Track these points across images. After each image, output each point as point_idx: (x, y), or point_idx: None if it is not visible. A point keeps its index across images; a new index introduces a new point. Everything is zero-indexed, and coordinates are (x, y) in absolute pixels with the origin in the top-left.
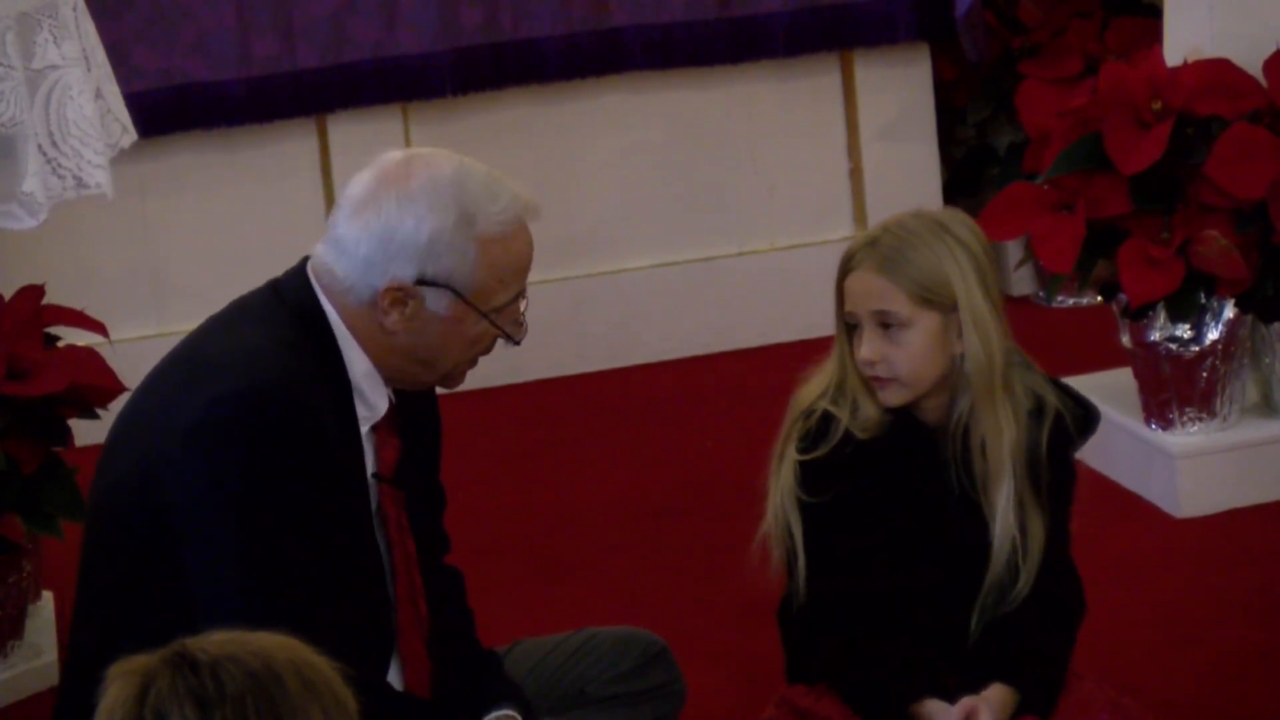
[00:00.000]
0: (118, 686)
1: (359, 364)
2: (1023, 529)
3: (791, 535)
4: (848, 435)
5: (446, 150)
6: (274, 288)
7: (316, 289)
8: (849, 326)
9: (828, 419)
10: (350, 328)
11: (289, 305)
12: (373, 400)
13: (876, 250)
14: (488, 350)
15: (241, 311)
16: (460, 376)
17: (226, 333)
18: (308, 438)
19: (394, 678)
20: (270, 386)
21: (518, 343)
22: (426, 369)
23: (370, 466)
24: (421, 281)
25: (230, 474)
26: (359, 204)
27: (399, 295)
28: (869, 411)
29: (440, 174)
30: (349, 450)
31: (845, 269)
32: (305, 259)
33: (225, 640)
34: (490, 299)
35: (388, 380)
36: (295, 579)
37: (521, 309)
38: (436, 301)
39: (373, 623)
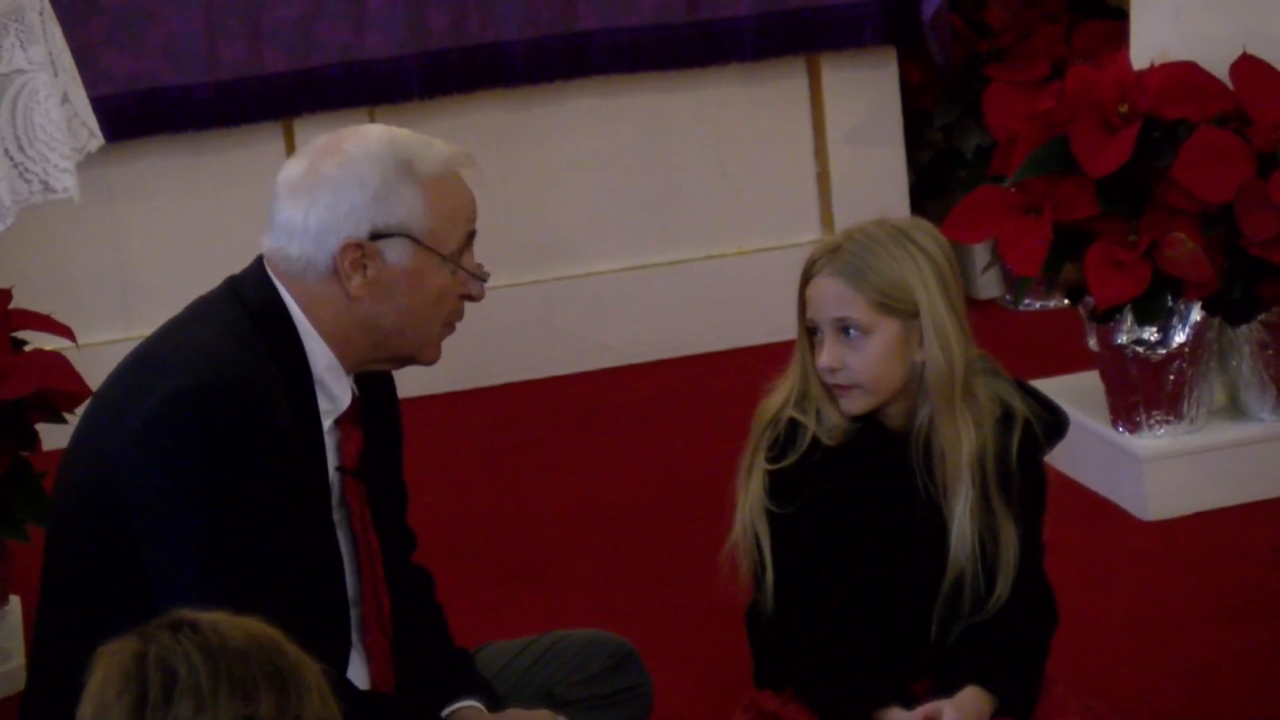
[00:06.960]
0: (106, 663)
1: (321, 357)
2: (994, 537)
3: (760, 546)
4: (815, 442)
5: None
6: (231, 285)
7: (275, 281)
8: (810, 334)
9: (795, 426)
10: (311, 317)
11: (247, 301)
12: (335, 393)
13: (838, 257)
14: (454, 312)
15: (198, 310)
16: (435, 347)
17: (181, 332)
18: (261, 431)
19: (359, 672)
20: (222, 381)
21: (478, 297)
22: (397, 338)
23: (333, 460)
24: (376, 235)
25: (184, 470)
26: (296, 185)
27: (357, 255)
28: (834, 419)
29: (369, 135)
30: (309, 444)
31: (807, 275)
32: (261, 256)
33: (215, 614)
34: (445, 242)
35: (352, 369)
36: (251, 574)
37: (477, 261)
38: (396, 253)
39: (330, 618)
